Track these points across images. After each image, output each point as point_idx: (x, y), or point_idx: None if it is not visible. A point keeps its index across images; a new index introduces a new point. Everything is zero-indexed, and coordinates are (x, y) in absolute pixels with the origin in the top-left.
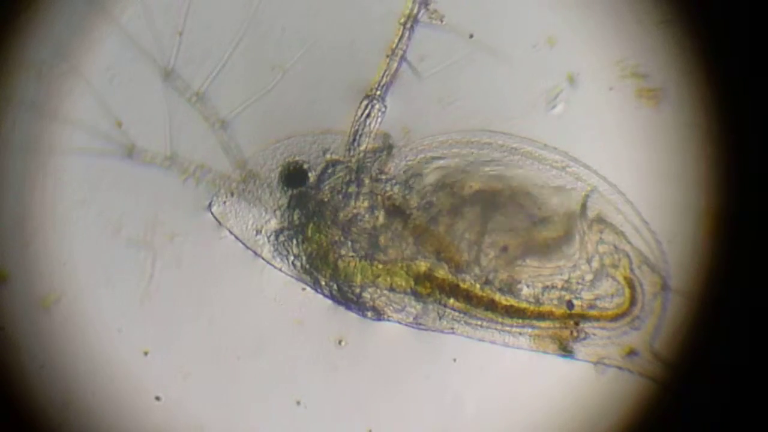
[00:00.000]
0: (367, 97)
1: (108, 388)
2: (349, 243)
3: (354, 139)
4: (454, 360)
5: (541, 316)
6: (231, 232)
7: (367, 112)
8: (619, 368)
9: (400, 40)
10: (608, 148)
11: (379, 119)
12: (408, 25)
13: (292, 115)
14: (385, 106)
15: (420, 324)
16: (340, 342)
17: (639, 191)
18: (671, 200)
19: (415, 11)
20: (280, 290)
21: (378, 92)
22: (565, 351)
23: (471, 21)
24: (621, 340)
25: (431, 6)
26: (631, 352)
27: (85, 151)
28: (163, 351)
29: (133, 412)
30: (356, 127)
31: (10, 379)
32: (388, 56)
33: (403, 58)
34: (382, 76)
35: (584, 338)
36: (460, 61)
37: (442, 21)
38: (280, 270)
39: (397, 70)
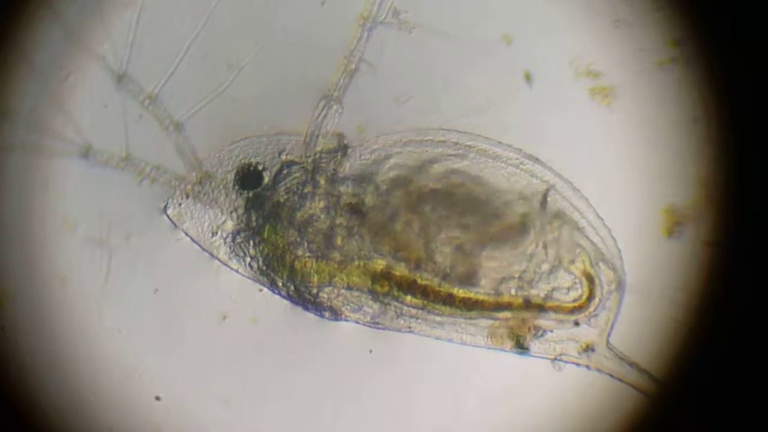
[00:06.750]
0: (324, 97)
1: (108, 388)
2: (306, 243)
3: (310, 140)
4: (370, 351)
5: (500, 307)
6: (187, 234)
7: (324, 113)
8: (577, 364)
9: (358, 41)
10: (564, 145)
11: (336, 120)
12: (366, 26)
13: (247, 116)
14: (342, 107)
15: (377, 323)
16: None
17: (597, 187)
18: (634, 196)
19: (373, 12)
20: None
21: (335, 93)
22: (521, 347)
23: (429, 18)
24: (577, 336)
25: (402, 16)
26: (588, 348)
27: (41, 150)
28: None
29: (133, 411)
30: (313, 128)
31: (10, 379)
32: (346, 57)
33: (360, 59)
34: (340, 77)
35: (541, 335)
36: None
37: (411, 32)
38: (237, 271)
39: (354, 71)
